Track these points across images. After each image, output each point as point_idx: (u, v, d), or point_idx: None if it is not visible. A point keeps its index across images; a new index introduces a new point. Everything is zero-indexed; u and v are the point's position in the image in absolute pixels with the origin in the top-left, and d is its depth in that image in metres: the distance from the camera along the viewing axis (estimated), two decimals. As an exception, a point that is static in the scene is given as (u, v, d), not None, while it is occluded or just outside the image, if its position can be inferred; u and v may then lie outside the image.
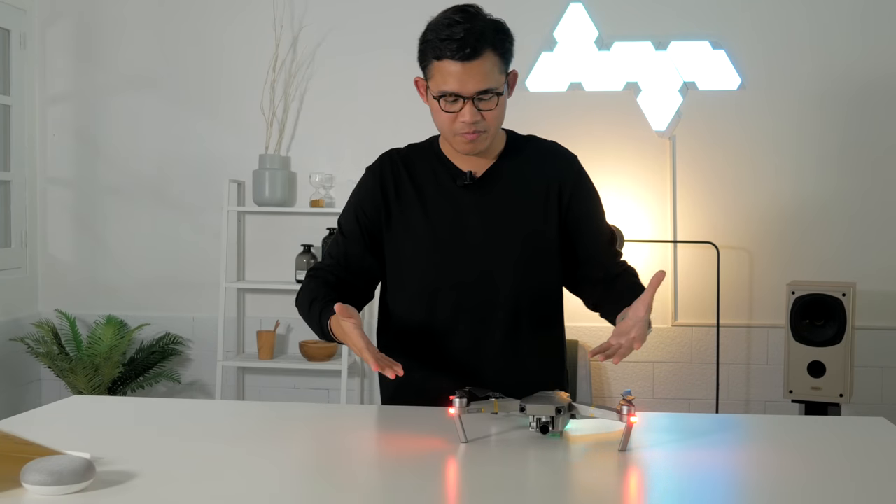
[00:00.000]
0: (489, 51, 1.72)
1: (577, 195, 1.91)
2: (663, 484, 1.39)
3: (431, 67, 1.76)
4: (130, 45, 4.08)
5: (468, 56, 1.70)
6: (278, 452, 1.50)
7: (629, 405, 1.49)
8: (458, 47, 1.69)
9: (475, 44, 1.69)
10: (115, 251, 4.11)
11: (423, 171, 1.90)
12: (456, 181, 1.86)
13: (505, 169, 1.88)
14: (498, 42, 1.74)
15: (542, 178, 1.89)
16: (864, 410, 3.62)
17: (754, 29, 3.78)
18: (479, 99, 1.73)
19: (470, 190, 1.86)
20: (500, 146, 1.90)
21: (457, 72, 1.71)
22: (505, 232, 1.85)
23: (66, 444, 1.38)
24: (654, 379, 3.85)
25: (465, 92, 1.72)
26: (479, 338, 1.86)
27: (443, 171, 1.88)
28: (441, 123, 1.80)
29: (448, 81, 1.72)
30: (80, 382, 3.71)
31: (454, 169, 1.88)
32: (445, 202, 1.87)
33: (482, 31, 1.71)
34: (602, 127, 3.85)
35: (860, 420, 1.77)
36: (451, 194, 1.87)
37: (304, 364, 3.83)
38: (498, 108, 1.77)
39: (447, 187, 1.87)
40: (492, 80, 1.73)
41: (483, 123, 1.76)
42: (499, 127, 1.82)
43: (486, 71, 1.72)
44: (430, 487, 1.34)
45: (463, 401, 1.54)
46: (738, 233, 3.81)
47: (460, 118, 1.75)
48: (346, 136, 3.98)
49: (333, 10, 3.97)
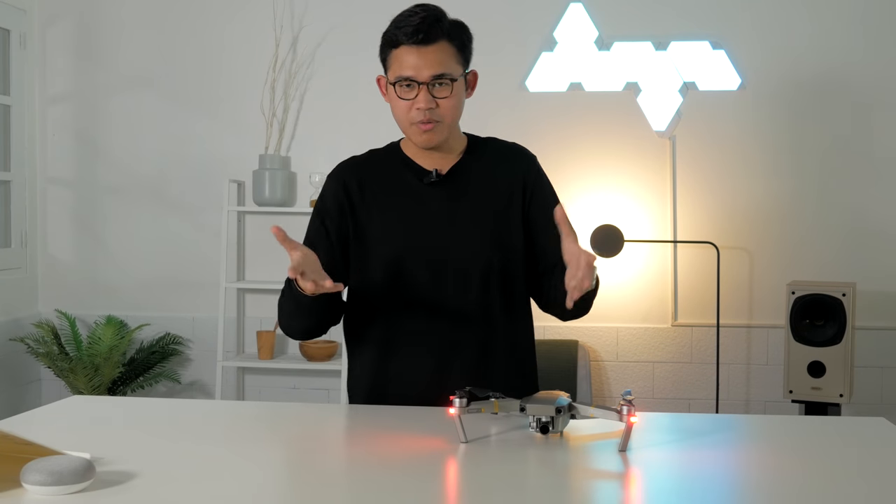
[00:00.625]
0: (444, 40, 1.78)
1: (537, 192, 1.93)
2: (663, 484, 1.39)
3: (390, 57, 1.81)
4: (130, 45, 4.08)
5: (422, 41, 1.76)
6: (278, 452, 1.50)
7: (629, 405, 1.49)
8: (412, 31, 1.75)
9: (429, 29, 1.76)
10: (115, 251, 4.11)
11: (387, 173, 1.92)
12: (422, 180, 1.88)
13: (469, 166, 1.91)
14: (454, 33, 1.80)
15: (506, 173, 1.92)
16: (864, 410, 3.62)
17: (754, 29, 3.78)
18: (434, 85, 1.77)
19: (436, 187, 1.88)
20: (462, 146, 1.93)
21: (412, 57, 1.77)
22: (475, 226, 1.87)
23: (66, 444, 1.38)
24: (654, 379, 3.85)
25: (419, 77, 1.77)
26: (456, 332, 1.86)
27: (408, 171, 1.90)
28: (398, 114, 1.83)
29: (403, 67, 1.78)
30: (80, 382, 3.71)
31: (419, 169, 1.90)
32: (413, 202, 1.88)
33: (438, 20, 1.78)
34: (602, 127, 3.85)
35: (860, 420, 1.77)
36: (419, 193, 1.88)
37: (304, 364, 3.83)
38: (453, 97, 1.80)
39: (413, 187, 1.89)
40: (446, 67, 1.78)
41: (437, 112, 1.79)
42: (455, 120, 1.85)
43: (440, 58, 1.77)
44: (431, 488, 1.34)
45: (463, 401, 1.54)
46: (738, 233, 3.81)
47: (415, 105, 1.78)
48: (346, 136, 3.98)
49: (333, 10, 3.97)
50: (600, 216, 3.71)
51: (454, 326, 1.86)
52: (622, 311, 3.82)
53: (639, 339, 3.85)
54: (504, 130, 1.94)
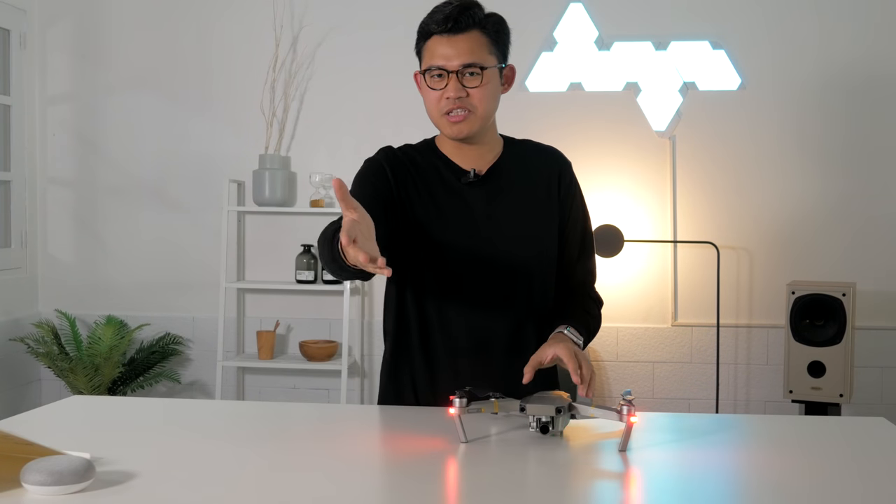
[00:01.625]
0: (476, 29, 1.75)
1: (573, 201, 1.91)
2: (663, 484, 1.39)
3: (423, 50, 1.79)
4: (130, 45, 4.08)
5: (452, 29, 1.73)
6: (278, 452, 1.50)
7: (629, 405, 1.49)
8: (443, 20, 1.73)
9: (460, 18, 1.73)
10: (115, 251, 4.11)
11: (425, 168, 1.87)
12: (460, 179, 1.85)
13: (507, 166, 1.88)
14: (488, 24, 1.77)
15: (542, 175, 1.89)
16: (864, 410, 3.62)
17: (754, 29, 3.78)
18: (464, 74, 1.74)
19: (475, 187, 1.85)
20: (499, 145, 1.89)
21: (442, 46, 1.74)
22: (516, 226, 1.85)
23: (66, 444, 1.38)
24: (654, 379, 3.85)
25: (449, 65, 1.74)
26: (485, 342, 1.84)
27: (445, 169, 1.86)
28: (429, 105, 1.80)
29: (434, 56, 1.75)
30: (80, 382, 3.71)
31: (456, 167, 1.86)
32: (453, 199, 1.84)
33: (471, 10, 1.75)
34: (602, 127, 3.85)
35: (860, 420, 1.77)
36: (458, 192, 1.85)
37: (304, 364, 3.83)
38: (484, 86, 1.75)
39: (453, 185, 1.85)
40: (477, 56, 1.74)
41: (468, 101, 1.76)
42: (487, 112, 1.79)
43: (471, 46, 1.74)
44: (431, 488, 1.34)
45: (463, 401, 1.54)
46: (738, 233, 3.81)
47: (445, 94, 1.75)
48: (346, 136, 3.98)
49: (333, 10, 3.97)
50: (600, 216, 3.71)
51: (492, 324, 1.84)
52: (622, 311, 3.82)
53: (639, 339, 3.85)
54: (504, 130, 1.92)
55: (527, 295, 1.85)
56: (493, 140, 1.88)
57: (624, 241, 3.60)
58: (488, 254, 1.83)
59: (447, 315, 1.84)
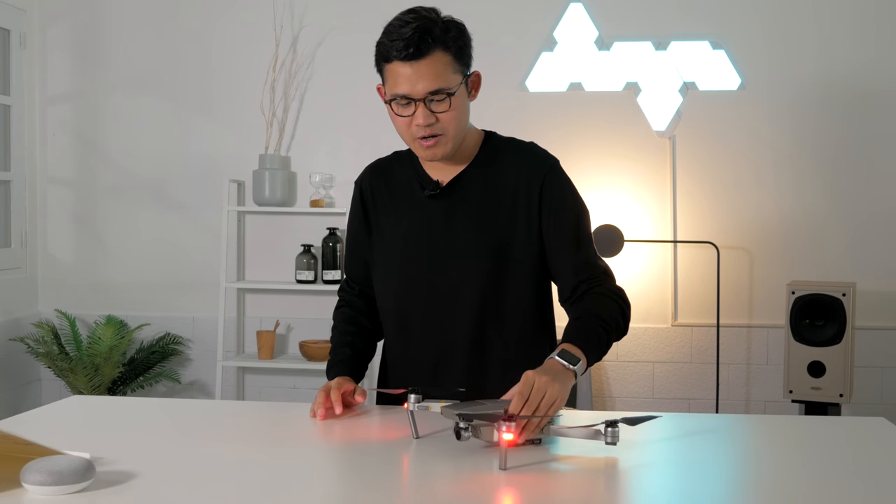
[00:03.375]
0: (439, 50, 1.68)
1: (548, 200, 1.81)
2: (663, 484, 1.39)
3: (384, 71, 1.73)
4: (130, 45, 4.08)
5: (413, 55, 1.66)
6: (278, 452, 1.50)
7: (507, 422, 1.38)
8: (403, 46, 1.66)
9: (420, 43, 1.65)
10: (115, 251, 4.11)
11: (399, 180, 1.89)
12: (424, 190, 1.84)
13: (473, 176, 1.83)
14: (450, 40, 1.69)
15: (515, 183, 1.81)
16: (864, 410, 3.62)
17: (754, 29, 3.78)
18: (431, 100, 1.69)
19: (437, 199, 1.83)
20: (472, 151, 1.84)
21: (406, 73, 1.67)
22: (470, 243, 1.80)
23: (66, 444, 1.38)
24: (654, 379, 3.85)
25: (414, 94, 1.68)
26: (446, 352, 1.83)
27: (415, 179, 1.87)
28: (399, 130, 1.76)
29: (398, 83, 1.69)
30: (80, 382, 3.71)
31: (425, 177, 1.85)
32: (414, 212, 1.84)
33: (429, 30, 1.67)
34: (602, 127, 3.85)
35: (860, 420, 1.77)
36: (421, 204, 1.84)
37: (304, 364, 3.83)
38: (453, 109, 1.71)
39: (417, 196, 1.85)
40: (442, 80, 1.68)
41: (439, 126, 1.71)
42: (459, 130, 1.75)
43: (436, 71, 1.67)
44: (431, 488, 1.34)
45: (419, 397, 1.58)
46: (738, 233, 3.81)
47: (414, 122, 1.70)
48: (346, 137, 3.98)
49: (333, 10, 3.97)
50: (600, 216, 3.71)
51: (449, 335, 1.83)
52: (622, 311, 3.82)
53: (639, 339, 3.85)
54: (504, 130, 1.92)
55: (486, 302, 1.81)
56: (467, 147, 1.83)
57: (624, 241, 3.60)
58: (444, 265, 1.82)
59: (409, 324, 1.87)
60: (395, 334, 1.92)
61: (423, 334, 1.85)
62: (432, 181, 1.84)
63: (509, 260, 1.81)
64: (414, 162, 1.88)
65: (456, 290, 1.81)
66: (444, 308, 1.83)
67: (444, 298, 1.82)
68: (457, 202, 1.83)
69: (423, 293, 1.84)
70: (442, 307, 1.83)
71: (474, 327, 1.82)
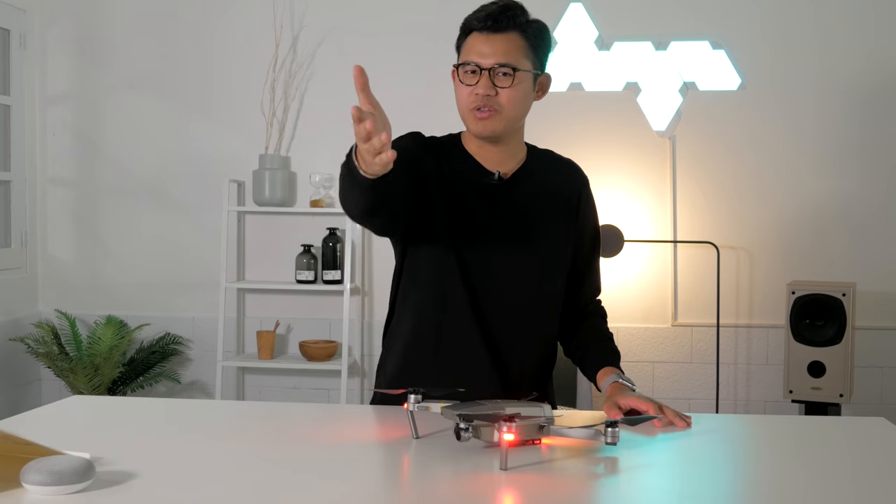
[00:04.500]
0: (515, 31, 1.76)
1: (587, 217, 1.95)
2: (663, 484, 1.39)
3: (462, 45, 1.81)
4: (130, 45, 4.08)
5: (491, 27, 1.75)
6: (278, 452, 1.50)
7: (507, 422, 1.39)
8: (484, 17, 1.75)
9: (500, 17, 1.75)
10: (115, 251, 4.11)
11: (450, 162, 1.86)
12: (483, 179, 1.84)
13: (531, 174, 1.89)
14: (529, 29, 1.78)
15: (564, 189, 1.92)
16: (864, 410, 3.62)
17: (754, 29, 3.78)
18: (496, 73, 1.75)
19: (498, 189, 1.85)
20: (522, 154, 1.90)
21: (479, 43, 1.76)
22: (526, 234, 1.85)
23: (66, 444, 1.38)
24: (654, 379, 3.85)
25: (483, 63, 1.75)
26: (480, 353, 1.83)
27: (469, 167, 1.86)
28: (459, 99, 1.80)
29: (470, 52, 1.77)
30: (80, 382, 3.71)
31: (480, 166, 1.86)
32: (471, 196, 1.84)
33: (512, 10, 1.76)
34: (602, 127, 3.85)
35: (860, 420, 1.77)
36: (478, 190, 1.84)
37: (304, 364, 3.83)
38: (514, 88, 1.77)
39: (474, 183, 1.85)
40: (511, 57, 1.75)
41: (496, 100, 1.77)
42: (515, 114, 1.80)
43: (507, 47, 1.75)
44: (431, 488, 1.34)
45: (418, 397, 1.57)
46: (738, 233, 3.81)
47: (475, 90, 1.76)
48: (346, 137, 3.95)
49: (333, 10, 3.97)
50: (600, 216, 3.69)
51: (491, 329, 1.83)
52: (622, 311, 3.82)
53: (639, 339, 3.85)
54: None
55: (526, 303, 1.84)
56: (518, 145, 1.89)
57: (624, 241, 3.60)
58: (490, 257, 1.82)
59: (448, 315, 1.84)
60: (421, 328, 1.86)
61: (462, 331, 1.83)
62: (491, 171, 1.85)
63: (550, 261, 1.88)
64: (461, 147, 1.87)
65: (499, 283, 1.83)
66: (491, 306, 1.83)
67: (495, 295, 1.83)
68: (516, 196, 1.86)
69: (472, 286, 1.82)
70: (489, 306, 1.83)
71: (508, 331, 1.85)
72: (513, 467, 1.38)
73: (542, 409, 1.53)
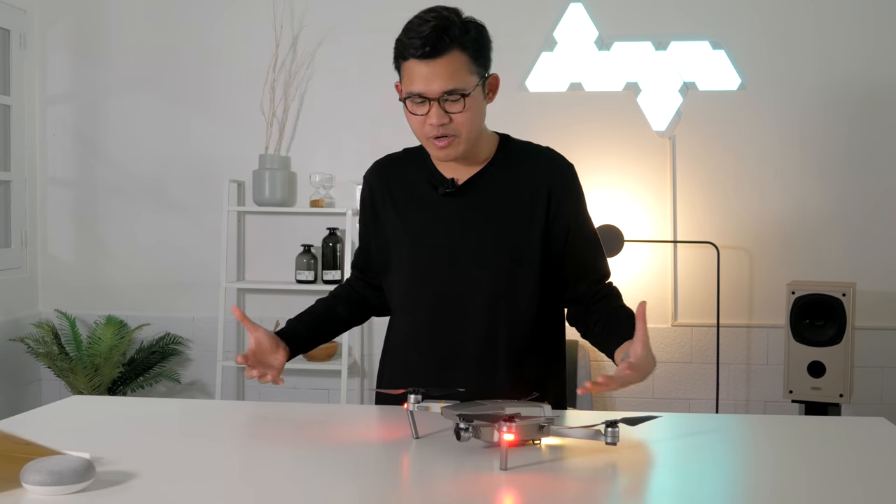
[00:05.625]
0: (456, 50, 1.67)
1: (565, 207, 1.82)
2: (663, 484, 1.39)
3: (401, 69, 1.73)
4: (130, 45, 4.08)
5: (429, 54, 1.66)
6: (278, 452, 1.50)
7: (508, 422, 1.39)
8: (420, 44, 1.66)
9: (437, 42, 1.65)
10: (115, 251, 4.11)
11: (411, 177, 1.87)
12: (438, 189, 1.82)
13: (490, 177, 1.82)
14: (468, 41, 1.69)
15: (530, 186, 1.81)
16: (864, 410, 3.62)
17: (754, 29, 3.78)
18: (446, 100, 1.68)
19: (451, 198, 1.81)
20: (489, 152, 1.84)
21: (421, 71, 1.67)
22: (485, 244, 1.79)
23: (66, 444, 1.38)
24: (654, 379, 3.85)
25: (429, 92, 1.67)
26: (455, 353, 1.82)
27: (428, 177, 1.84)
28: (413, 128, 1.76)
29: (414, 81, 1.69)
30: (80, 382, 3.71)
31: (438, 176, 1.83)
32: (426, 211, 1.82)
33: (447, 29, 1.67)
34: (602, 127, 3.85)
35: (860, 420, 1.77)
36: (433, 202, 1.82)
37: (304, 364, 3.83)
38: (467, 111, 1.70)
39: (430, 195, 1.83)
40: (458, 81, 1.68)
41: (452, 127, 1.70)
42: (473, 132, 1.74)
43: (451, 70, 1.67)
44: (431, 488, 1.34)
45: (418, 397, 1.58)
46: (738, 233, 3.81)
47: (428, 121, 1.70)
48: (346, 136, 3.98)
49: (333, 10, 3.97)
50: (600, 216, 3.71)
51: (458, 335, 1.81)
52: (622, 311, 3.82)
53: (639, 339, 3.84)
54: (504, 130, 1.92)
55: (497, 304, 1.80)
56: (483, 147, 1.82)
57: (624, 241, 3.60)
58: (456, 265, 1.80)
59: (417, 323, 1.85)
60: (402, 333, 1.90)
61: (432, 335, 1.83)
62: (447, 180, 1.82)
63: (523, 263, 1.80)
64: (426, 160, 1.86)
65: (468, 292, 1.80)
66: (454, 309, 1.81)
67: (456, 299, 1.80)
68: (472, 202, 1.81)
69: (434, 293, 1.82)
70: (453, 308, 1.81)
71: (485, 329, 1.80)
72: (513, 467, 1.38)
73: (542, 409, 1.53)
